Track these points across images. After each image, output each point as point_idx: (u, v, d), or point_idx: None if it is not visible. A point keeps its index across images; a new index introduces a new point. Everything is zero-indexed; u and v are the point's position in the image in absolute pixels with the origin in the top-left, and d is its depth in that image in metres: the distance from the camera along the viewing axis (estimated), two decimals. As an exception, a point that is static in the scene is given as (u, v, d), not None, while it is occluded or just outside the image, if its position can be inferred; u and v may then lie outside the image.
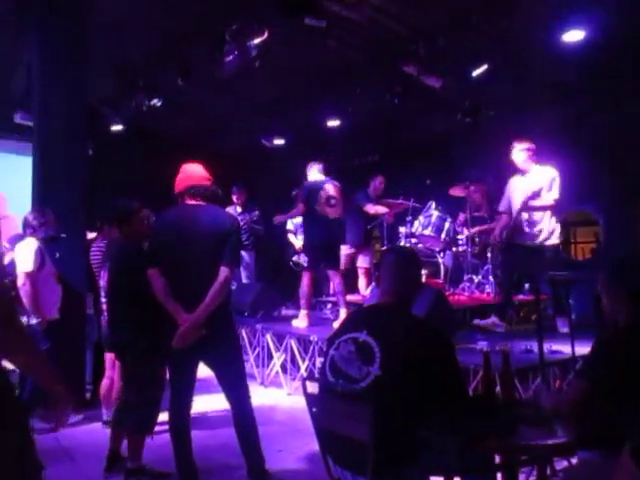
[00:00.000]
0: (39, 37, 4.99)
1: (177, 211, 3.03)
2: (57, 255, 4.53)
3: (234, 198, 7.24)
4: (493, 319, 4.92)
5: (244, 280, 7.28)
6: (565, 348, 3.79)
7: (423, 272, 5.77)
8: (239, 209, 7.30)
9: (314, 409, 2.14)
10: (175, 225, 2.93)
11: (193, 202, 2.99)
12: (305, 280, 5.42)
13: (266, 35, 5.26)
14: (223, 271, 2.79)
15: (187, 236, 2.85)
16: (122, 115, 7.38)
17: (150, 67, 6.39)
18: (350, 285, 6.97)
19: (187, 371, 2.98)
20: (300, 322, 5.48)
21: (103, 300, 3.89)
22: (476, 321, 4.97)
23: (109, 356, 4.04)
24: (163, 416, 3.32)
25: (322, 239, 5.35)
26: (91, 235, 5.11)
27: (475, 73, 5.92)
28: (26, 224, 4.26)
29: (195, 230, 2.86)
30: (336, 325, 5.32)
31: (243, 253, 7.33)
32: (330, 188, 5.35)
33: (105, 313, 3.80)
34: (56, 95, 4.87)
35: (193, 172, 3.07)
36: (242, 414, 3.00)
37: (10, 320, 1.48)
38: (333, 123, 7.67)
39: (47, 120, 4.93)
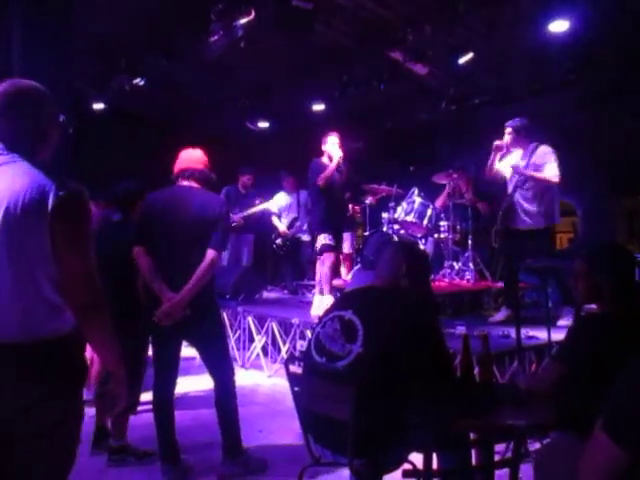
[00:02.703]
0: (21, 12, 4.87)
1: (169, 191, 3.05)
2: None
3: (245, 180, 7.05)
4: (506, 312, 4.73)
5: (244, 262, 7.12)
6: (541, 334, 3.88)
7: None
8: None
9: (296, 388, 2.17)
10: (165, 205, 2.95)
11: (185, 183, 3.02)
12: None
13: (252, 16, 5.20)
14: (210, 254, 2.82)
15: (176, 217, 2.88)
16: (105, 94, 7.25)
17: (135, 46, 6.29)
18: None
19: (170, 350, 3.02)
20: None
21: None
22: (491, 319, 4.83)
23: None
24: (146, 396, 3.33)
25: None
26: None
27: (461, 61, 5.94)
28: None
29: (184, 211, 2.88)
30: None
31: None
32: None
33: None
34: (38, 73, 4.76)
35: (188, 156, 3.09)
36: (224, 393, 3.03)
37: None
38: (318, 107, 7.64)
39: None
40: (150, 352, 3.23)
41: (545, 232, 4.66)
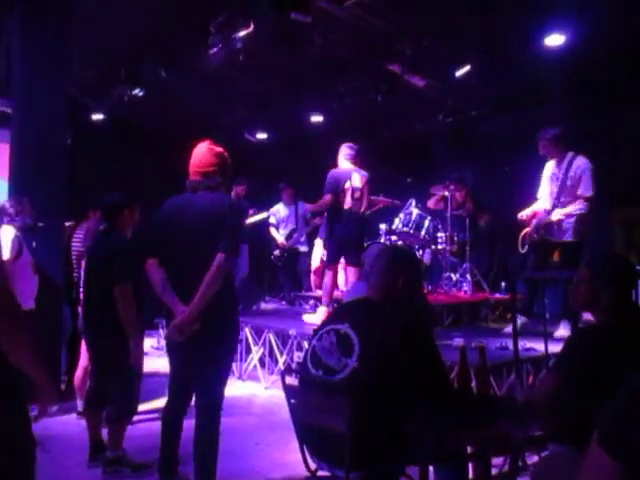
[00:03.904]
0: (20, 23, 4.90)
1: (176, 200, 2.85)
2: (34, 244, 4.46)
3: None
4: (522, 320, 4.70)
5: (241, 273, 7.09)
6: (538, 346, 3.87)
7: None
8: None
9: (292, 401, 2.16)
10: (173, 214, 2.78)
11: (192, 191, 2.81)
12: (327, 275, 5.12)
13: (252, 28, 5.24)
14: (217, 259, 2.56)
15: (183, 224, 2.71)
16: (104, 105, 7.28)
17: (134, 57, 6.32)
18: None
19: (181, 362, 2.78)
20: (317, 318, 5.02)
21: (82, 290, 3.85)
22: (505, 330, 4.78)
23: (84, 346, 4.01)
24: (144, 406, 3.31)
25: (341, 234, 5.10)
26: (68, 223, 5.06)
27: (458, 74, 5.98)
28: (3, 212, 4.19)
29: (191, 217, 2.71)
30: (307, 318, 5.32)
31: None
32: (356, 179, 5.07)
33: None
34: (37, 83, 4.79)
35: (194, 161, 2.85)
36: (204, 430, 2.65)
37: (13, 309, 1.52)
38: (317, 119, 7.68)
39: (27, 108, 4.85)
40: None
41: (575, 245, 4.65)
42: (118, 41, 6.03)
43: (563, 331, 4.50)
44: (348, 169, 5.16)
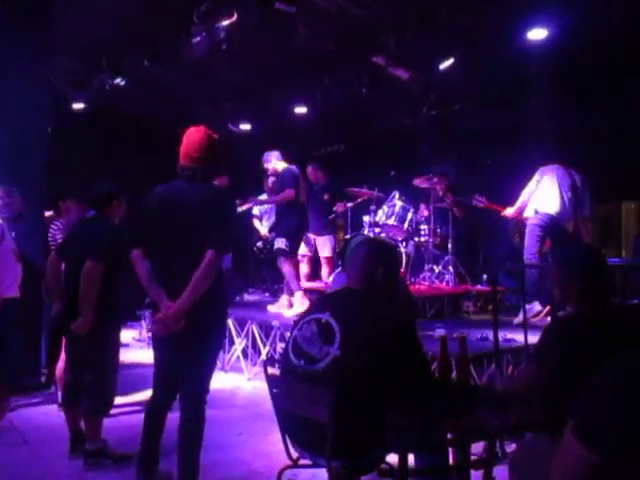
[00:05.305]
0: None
1: (166, 188, 2.69)
2: (13, 234, 4.40)
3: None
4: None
5: (224, 265, 7.12)
6: (518, 337, 3.93)
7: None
8: None
9: (275, 390, 2.17)
10: (162, 204, 2.64)
11: (185, 179, 2.67)
12: (288, 265, 5.26)
13: (235, 18, 5.20)
14: (207, 255, 2.47)
15: (172, 216, 2.59)
16: (85, 94, 7.18)
17: (116, 46, 6.23)
18: (313, 273, 7.02)
19: (168, 357, 2.71)
20: (299, 307, 5.05)
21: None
22: (515, 320, 4.75)
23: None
24: (122, 399, 3.29)
25: (303, 226, 5.46)
26: (48, 213, 4.99)
27: (442, 67, 6.00)
28: None
29: (182, 209, 2.58)
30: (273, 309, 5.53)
31: None
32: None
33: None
34: (17, 71, 4.70)
35: (188, 145, 2.70)
36: (190, 422, 2.60)
37: None
38: (300, 110, 7.66)
39: (6, 95, 4.77)
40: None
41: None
42: (100, 29, 5.93)
43: (519, 318, 4.64)
44: (295, 167, 5.46)
